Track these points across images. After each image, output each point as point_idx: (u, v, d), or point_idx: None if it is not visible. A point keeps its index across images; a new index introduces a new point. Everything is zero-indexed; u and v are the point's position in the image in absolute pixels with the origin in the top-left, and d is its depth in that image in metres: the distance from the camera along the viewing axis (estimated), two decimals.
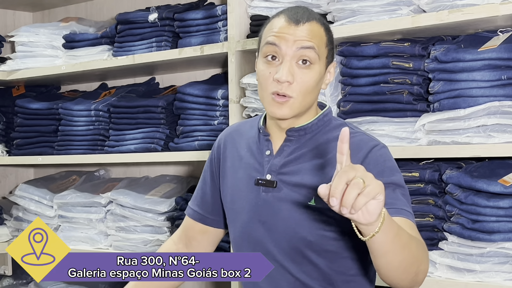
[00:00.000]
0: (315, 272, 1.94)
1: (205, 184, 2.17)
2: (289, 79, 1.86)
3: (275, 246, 1.95)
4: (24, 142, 3.91)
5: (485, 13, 2.42)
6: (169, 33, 3.40)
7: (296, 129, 1.96)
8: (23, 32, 3.91)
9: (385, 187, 1.82)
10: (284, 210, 1.93)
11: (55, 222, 3.76)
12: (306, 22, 1.90)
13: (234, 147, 2.09)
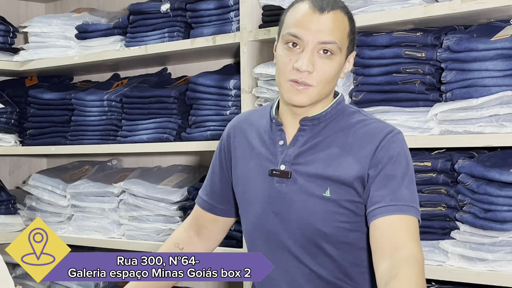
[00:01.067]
0: (330, 263, 1.94)
1: (214, 174, 2.17)
2: (310, 69, 1.85)
3: (290, 237, 1.95)
4: (37, 132, 3.92)
5: (498, 2, 2.42)
6: (181, 24, 3.40)
7: (310, 118, 1.95)
8: (36, 23, 3.92)
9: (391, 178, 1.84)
10: (299, 201, 1.93)
11: (68, 212, 3.78)
12: (330, 11, 1.88)
13: (243, 137, 2.08)
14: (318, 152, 1.94)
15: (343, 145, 1.92)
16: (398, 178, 1.84)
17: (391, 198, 1.81)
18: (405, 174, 1.86)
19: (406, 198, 1.83)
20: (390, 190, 1.83)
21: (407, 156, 1.90)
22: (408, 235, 1.78)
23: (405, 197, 1.83)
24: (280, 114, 2.01)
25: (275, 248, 1.98)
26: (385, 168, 1.85)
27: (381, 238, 1.79)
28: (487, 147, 2.54)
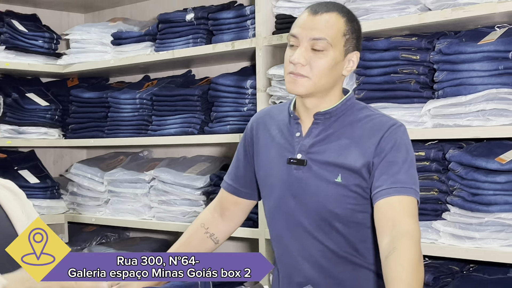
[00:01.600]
0: (341, 240, 1.94)
1: (239, 161, 2.17)
2: (301, 61, 1.86)
3: (306, 217, 1.95)
4: (78, 127, 3.93)
5: (484, 10, 2.41)
6: (204, 31, 3.40)
7: (322, 113, 1.95)
8: (76, 31, 3.93)
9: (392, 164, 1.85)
10: (314, 186, 1.93)
11: (105, 196, 3.79)
12: (324, 13, 1.89)
13: (265, 129, 2.08)
14: (330, 143, 1.94)
15: (352, 136, 1.92)
16: (399, 164, 1.84)
17: (392, 181, 1.82)
18: (405, 160, 1.86)
19: (405, 181, 1.82)
20: (391, 175, 1.83)
21: (407, 145, 1.90)
22: (404, 213, 1.78)
23: (404, 180, 1.82)
24: (297, 110, 2.01)
25: (293, 227, 1.98)
26: (387, 156, 1.86)
27: (382, 218, 1.79)
28: (475, 139, 2.53)
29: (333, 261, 1.95)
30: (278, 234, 2.05)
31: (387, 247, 1.72)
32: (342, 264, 1.95)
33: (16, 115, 3.80)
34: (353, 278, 1.96)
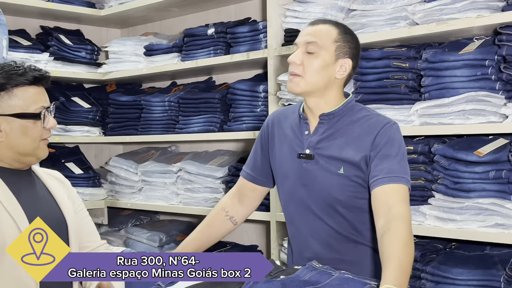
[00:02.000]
0: (344, 222, 1.95)
1: (256, 153, 2.17)
2: (296, 60, 1.90)
3: (314, 203, 1.96)
4: (115, 126, 3.95)
5: (464, 24, 2.41)
6: (223, 43, 3.40)
7: (326, 114, 1.96)
8: (114, 43, 3.94)
9: (386, 157, 1.85)
10: (320, 176, 1.94)
11: (139, 185, 3.80)
12: (320, 24, 1.95)
13: (280, 127, 2.08)
14: (334, 140, 1.94)
15: (352, 134, 1.93)
16: (392, 157, 1.85)
17: (386, 172, 1.82)
18: (397, 153, 1.86)
19: (398, 171, 1.83)
20: (385, 166, 1.83)
21: (399, 140, 1.90)
22: (397, 198, 1.78)
23: (397, 170, 1.83)
24: (305, 112, 2.02)
25: (303, 210, 1.99)
26: (382, 150, 1.86)
27: (378, 202, 1.79)
28: (456, 135, 2.53)
29: (337, 239, 1.97)
30: (290, 217, 2.06)
31: (382, 228, 1.72)
32: (345, 242, 1.96)
33: (63, 116, 3.82)
34: (354, 254, 1.97)
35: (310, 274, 1.69)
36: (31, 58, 3.64)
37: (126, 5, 3.85)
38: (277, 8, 3.03)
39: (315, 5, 2.87)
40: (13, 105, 1.69)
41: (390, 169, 1.82)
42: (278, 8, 3.03)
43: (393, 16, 2.63)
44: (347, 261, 1.93)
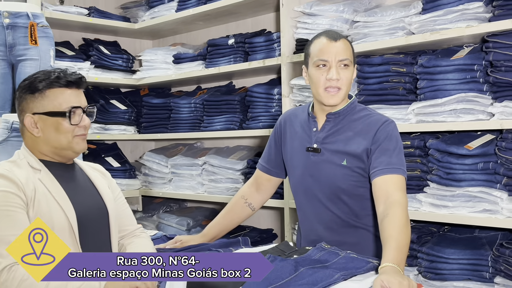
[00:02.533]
0: (346, 208, 1.95)
1: (270, 148, 2.18)
2: (338, 77, 1.89)
3: (320, 191, 1.96)
4: (148, 125, 3.96)
5: (455, 34, 2.40)
6: (242, 52, 3.40)
7: (333, 113, 1.97)
8: (146, 53, 3.96)
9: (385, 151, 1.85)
10: (326, 168, 1.94)
11: (169, 177, 3.81)
12: (340, 39, 1.92)
13: (291, 125, 2.09)
14: (339, 135, 1.94)
15: (354, 131, 1.93)
16: (390, 150, 1.85)
17: (385, 163, 1.82)
18: (395, 148, 1.86)
19: (395, 163, 1.83)
20: (385, 159, 1.83)
21: (397, 136, 1.91)
22: (395, 187, 1.78)
23: (394, 162, 1.83)
24: (314, 111, 2.02)
25: (310, 198, 1.99)
26: (382, 144, 1.86)
27: (378, 190, 1.79)
28: (448, 131, 2.51)
29: (340, 224, 1.97)
30: (299, 203, 2.06)
31: (382, 213, 1.72)
32: (347, 227, 1.97)
33: (102, 117, 3.85)
34: (355, 237, 1.97)
35: (320, 253, 1.70)
36: (75, 66, 3.67)
37: (157, 20, 3.87)
38: (289, 21, 3.02)
39: (323, 18, 2.86)
40: (45, 105, 1.70)
41: (389, 161, 1.82)
42: (290, 21, 3.03)
43: (392, 26, 2.62)
44: (348, 243, 1.92)
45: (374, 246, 1.96)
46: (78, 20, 3.73)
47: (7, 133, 2.71)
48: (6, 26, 2.92)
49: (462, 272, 2.32)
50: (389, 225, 1.66)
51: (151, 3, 3.97)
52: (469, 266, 2.31)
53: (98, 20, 3.82)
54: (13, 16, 2.94)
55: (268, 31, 3.48)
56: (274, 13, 3.56)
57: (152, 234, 2.32)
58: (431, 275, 2.38)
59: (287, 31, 3.03)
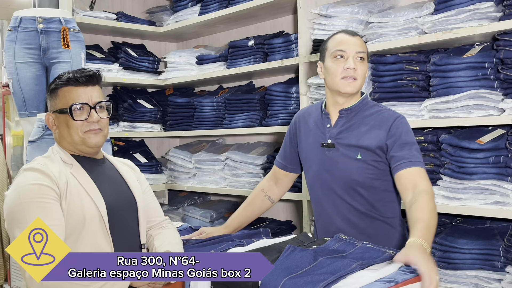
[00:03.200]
0: (362, 200, 1.93)
1: (286, 145, 2.18)
2: (355, 67, 1.89)
3: (336, 184, 1.95)
4: (173, 123, 3.98)
5: (467, 33, 2.36)
6: (261, 53, 3.39)
7: (345, 109, 1.95)
8: (171, 55, 3.97)
9: (405, 145, 1.83)
10: (341, 162, 1.93)
11: (193, 171, 3.82)
12: (356, 35, 1.94)
13: (305, 123, 2.08)
14: (352, 131, 1.93)
15: (368, 125, 1.91)
16: (410, 144, 1.84)
17: (408, 157, 1.82)
18: (413, 142, 1.86)
19: (416, 156, 1.83)
20: (406, 152, 1.83)
21: (411, 131, 1.91)
22: (421, 178, 1.78)
23: (415, 156, 1.83)
24: (327, 107, 2.00)
25: (327, 192, 1.98)
26: (400, 138, 1.86)
27: (405, 182, 1.79)
28: (460, 126, 2.48)
29: (356, 216, 1.95)
30: (316, 197, 2.05)
31: (411, 200, 1.72)
32: (363, 218, 1.95)
33: (130, 115, 3.87)
34: (371, 228, 1.95)
35: (337, 244, 1.68)
36: (104, 68, 3.69)
37: (180, 23, 3.87)
38: (306, 22, 3.01)
39: (338, 19, 2.83)
40: (57, 103, 1.72)
41: (411, 154, 1.82)
42: (308, 22, 3.01)
43: (405, 26, 2.59)
44: (365, 234, 1.91)
45: (391, 237, 1.94)
46: (107, 25, 3.75)
47: (42, 131, 2.74)
48: (40, 31, 2.94)
49: (475, 262, 2.29)
50: (418, 209, 1.66)
51: (175, 7, 3.98)
52: (481, 256, 2.28)
53: (126, 24, 3.84)
54: (46, 21, 2.96)
55: (286, 33, 3.47)
56: (292, 15, 3.54)
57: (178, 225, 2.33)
58: (444, 264, 2.35)
59: (304, 32, 3.01)
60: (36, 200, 1.55)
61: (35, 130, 2.77)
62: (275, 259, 1.56)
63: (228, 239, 1.91)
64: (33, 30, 2.94)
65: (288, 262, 1.52)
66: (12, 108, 4.45)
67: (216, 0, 3.62)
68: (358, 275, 1.46)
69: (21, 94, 2.96)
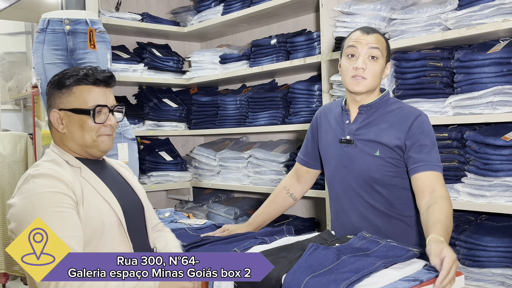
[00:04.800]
0: (380, 198, 1.89)
1: (308, 142, 2.15)
2: (364, 67, 1.84)
3: (354, 181, 1.91)
4: (197, 121, 3.97)
5: (491, 28, 2.29)
6: (284, 51, 3.36)
7: (365, 106, 1.91)
8: (195, 54, 3.96)
9: (424, 147, 1.79)
10: (359, 158, 1.89)
11: (217, 169, 3.81)
12: (373, 33, 1.88)
13: (326, 119, 2.05)
14: (371, 127, 1.89)
15: (387, 122, 1.88)
16: (429, 146, 1.80)
17: (427, 160, 1.78)
18: (433, 144, 1.82)
19: (435, 159, 1.79)
20: (425, 154, 1.79)
21: (431, 130, 1.86)
22: (439, 183, 1.75)
23: (434, 159, 1.79)
24: (347, 104, 1.97)
25: (345, 188, 1.95)
26: (419, 140, 1.81)
27: (422, 185, 1.75)
28: (485, 123, 2.41)
29: (373, 213, 1.91)
30: (335, 194, 2.01)
31: (427, 203, 1.68)
32: (380, 216, 1.91)
33: (156, 114, 3.88)
34: (388, 226, 1.91)
35: (361, 242, 1.65)
36: (130, 68, 3.70)
37: (204, 23, 3.86)
38: (328, 20, 2.96)
39: (361, 16, 2.79)
40: (71, 101, 1.59)
41: (429, 157, 1.78)
42: (330, 20, 2.96)
43: (429, 23, 2.52)
44: (382, 233, 1.87)
45: (408, 236, 1.90)
46: (132, 26, 3.76)
47: None
48: (67, 32, 2.96)
49: (500, 260, 2.23)
50: (436, 211, 1.63)
51: (198, 7, 3.97)
52: (507, 254, 2.22)
53: (151, 25, 3.84)
54: (73, 23, 2.98)
55: (308, 31, 3.42)
56: (314, 14, 3.50)
57: (202, 223, 2.31)
58: (469, 262, 2.29)
59: (326, 30, 2.96)
60: (52, 210, 1.43)
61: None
62: (298, 257, 1.53)
63: (251, 237, 1.89)
64: (60, 31, 2.96)
65: (311, 260, 1.49)
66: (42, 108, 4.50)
67: (239, 0, 3.60)
68: (381, 273, 1.43)
69: None
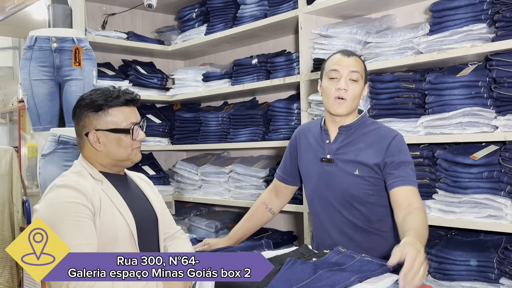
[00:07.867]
0: (359, 214, 1.91)
1: (286, 159, 2.16)
2: (346, 88, 1.87)
3: (334, 198, 1.93)
4: (180, 137, 3.96)
5: (461, 53, 2.34)
6: (264, 71, 3.38)
7: (344, 126, 1.93)
8: (179, 72, 3.96)
9: (401, 164, 1.81)
10: (339, 176, 1.90)
11: (199, 183, 3.80)
12: (352, 56, 1.91)
13: (305, 138, 2.07)
14: (350, 147, 1.91)
15: (366, 142, 1.89)
16: (406, 163, 1.82)
17: (403, 176, 1.80)
18: (409, 161, 1.84)
19: (411, 176, 1.81)
20: (402, 171, 1.81)
21: (407, 150, 1.90)
22: (415, 197, 1.76)
23: (410, 175, 1.81)
24: (326, 124, 1.98)
25: (325, 205, 1.96)
26: (398, 157, 1.83)
27: (400, 199, 1.77)
28: (455, 142, 2.45)
29: (353, 229, 1.93)
30: (314, 210, 2.02)
31: (404, 215, 1.69)
32: (359, 231, 1.93)
33: None
34: (367, 241, 1.93)
35: (337, 257, 1.66)
36: (115, 84, 3.66)
37: (188, 42, 3.87)
38: (307, 42, 3.00)
39: (338, 39, 2.83)
40: (108, 121, 1.70)
41: (407, 174, 1.80)
42: (308, 42, 3.00)
43: (402, 46, 2.57)
44: (361, 247, 1.89)
45: (386, 250, 1.91)
46: (118, 44, 3.75)
47: (55, 145, 2.73)
48: (54, 49, 2.95)
49: (469, 273, 2.26)
50: (411, 220, 1.64)
51: (182, 27, 3.98)
52: (476, 268, 2.24)
53: (136, 43, 3.84)
54: (60, 41, 2.97)
55: (288, 52, 3.46)
56: (293, 35, 3.54)
57: None
58: (440, 275, 2.32)
59: (305, 52, 3.00)
60: (71, 219, 1.51)
61: (48, 144, 2.76)
62: (277, 272, 1.54)
63: (231, 251, 1.88)
64: (47, 49, 2.94)
65: (289, 274, 1.49)
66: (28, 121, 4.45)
67: (222, 21, 3.63)
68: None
69: (36, 110, 2.95)
